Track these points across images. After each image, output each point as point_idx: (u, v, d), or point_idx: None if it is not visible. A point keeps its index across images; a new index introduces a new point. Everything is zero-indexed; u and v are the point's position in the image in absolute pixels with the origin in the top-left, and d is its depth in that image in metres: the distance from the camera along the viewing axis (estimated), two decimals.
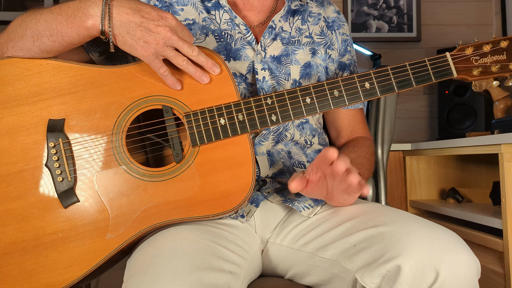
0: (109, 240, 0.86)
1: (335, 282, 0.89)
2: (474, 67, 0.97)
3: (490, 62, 0.97)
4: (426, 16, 2.65)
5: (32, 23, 0.89)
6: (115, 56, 1.02)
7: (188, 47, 0.87)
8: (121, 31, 0.85)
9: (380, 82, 0.94)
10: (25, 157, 0.88)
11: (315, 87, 0.94)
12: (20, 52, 0.91)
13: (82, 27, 0.87)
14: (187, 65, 0.88)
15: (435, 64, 0.96)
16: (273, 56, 1.06)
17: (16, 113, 0.89)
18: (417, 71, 0.95)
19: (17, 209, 0.87)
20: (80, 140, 0.90)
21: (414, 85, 0.95)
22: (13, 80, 0.90)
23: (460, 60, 0.97)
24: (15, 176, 0.87)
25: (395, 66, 0.95)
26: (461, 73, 0.97)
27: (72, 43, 0.90)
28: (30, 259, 0.86)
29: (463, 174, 2.27)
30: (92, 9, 0.86)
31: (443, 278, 0.75)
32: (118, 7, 0.86)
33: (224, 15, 1.05)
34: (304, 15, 1.13)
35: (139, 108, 0.91)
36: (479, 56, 0.97)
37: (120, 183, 0.88)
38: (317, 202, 1.00)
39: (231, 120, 0.91)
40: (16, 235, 0.86)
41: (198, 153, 0.90)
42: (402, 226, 0.82)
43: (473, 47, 0.97)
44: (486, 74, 0.97)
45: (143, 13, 0.86)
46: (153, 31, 0.84)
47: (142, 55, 0.86)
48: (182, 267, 0.75)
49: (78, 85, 0.91)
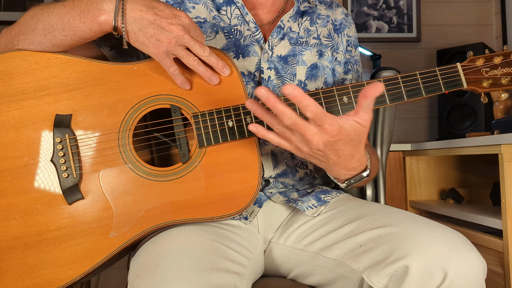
0: (113, 238, 0.86)
1: (340, 282, 0.89)
2: (484, 79, 0.97)
3: (500, 74, 0.97)
4: (426, 17, 2.65)
5: (44, 16, 0.89)
6: (125, 51, 1.02)
7: (199, 47, 0.86)
8: (134, 27, 0.85)
9: (390, 91, 0.94)
10: (30, 151, 0.88)
11: (324, 92, 0.93)
12: (31, 45, 0.90)
13: (95, 22, 0.86)
14: (197, 65, 0.88)
15: (445, 74, 0.95)
16: (280, 55, 1.05)
17: (23, 107, 0.89)
18: (427, 81, 0.95)
19: (21, 204, 0.86)
20: (86, 136, 0.89)
21: (423, 94, 0.95)
22: (21, 73, 0.90)
23: (471, 71, 0.96)
24: (20, 170, 0.87)
25: (405, 75, 0.95)
26: (471, 84, 0.96)
27: (84, 38, 0.89)
28: (32, 254, 0.85)
29: (463, 174, 2.27)
30: (105, 5, 0.85)
31: (451, 279, 0.75)
32: (131, 4, 0.85)
33: (235, 11, 1.05)
34: (313, 16, 1.13)
35: (147, 107, 0.90)
36: (489, 68, 0.97)
37: (125, 181, 0.88)
38: (321, 202, 1.00)
39: (239, 123, 0.90)
40: (19, 229, 0.86)
41: (205, 155, 0.90)
42: (409, 227, 0.82)
43: (484, 58, 0.97)
44: (496, 86, 0.97)
45: (157, 10, 0.85)
46: (165, 29, 0.84)
47: (153, 53, 0.86)
48: (190, 268, 0.75)
49: (87, 81, 0.90)
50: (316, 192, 1.04)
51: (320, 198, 1.01)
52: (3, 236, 0.85)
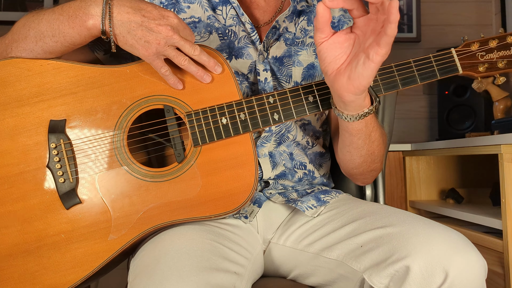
0: (112, 241, 0.86)
1: (340, 283, 0.88)
2: (480, 63, 0.95)
3: (496, 58, 0.95)
4: (426, 17, 2.64)
5: (34, 23, 0.89)
6: (120, 54, 1.01)
7: (189, 46, 0.86)
8: (122, 30, 0.85)
9: (384, 79, 0.93)
10: (26, 158, 0.88)
11: (317, 85, 0.93)
12: (24, 53, 0.90)
13: (83, 27, 0.86)
14: (188, 64, 0.87)
15: (440, 61, 0.94)
16: (276, 57, 1.04)
17: (17, 114, 0.89)
18: (422, 68, 0.93)
19: (19, 211, 0.86)
20: (81, 141, 0.89)
21: (418, 82, 0.93)
22: (14, 81, 0.90)
23: (466, 56, 0.95)
24: (17, 177, 0.87)
25: (399, 63, 0.94)
26: (467, 69, 0.95)
27: (74, 43, 0.89)
28: (33, 260, 0.85)
29: (463, 174, 2.27)
30: (92, 9, 0.85)
31: (452, 279, 0.74)
32: (118, 6, 0.85)
33: (231, 11, 1.04)
34: (311, 16, 1.11)
35: (140, 108, 0.90)
36: (485, 52, 0.95)
37: (122, 184, 0.88)
38: (320, 202, 1.00)
39: (233, 120, 0.90)
40: (18, 236, 0.86)
41: (200, 153, 0.89)
42: (410, 227, 0.82)
43: (479, 42, 0.96)
44: (493, 70, 0.96)
45: (144, 12, 0.85)
46: (154, 31, 0.83)
47: (143, 55, 0.85)
48: (190, 268, 0.74)
49: (79, 85, 0.90)
50: (315, 193, 1.03)
51: (320, 198, 1.01)
52: (3, 244, 0.86)
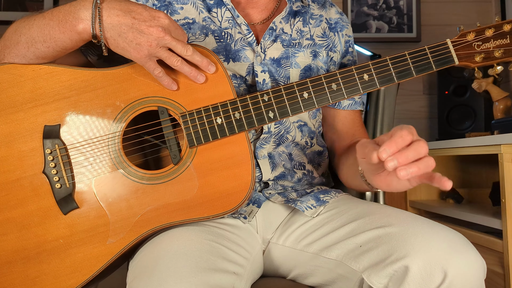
0: (110, 245, 0.86)
1: (339, 283, 0.88)
2: (476, 53, 0.94)
3: (493, 47, 0.94)
4: (426, 17, 2.62)
5: (25, 29, 0.88)
6: (113, 57, 1.00)
7: (182, 47, 0.85)
8: (113, 34, 0.84)
9: (379, 73, 0.92)
10: (22, 164, 0.88)
11: (312, 81, 0.92)
12: (16, 59, 0.90)
13: (74, 31, 0.85)
14: (181, 65, 0.86)
15: (435, 52, 0.93)
16: (273, 58, 1.03)
17: (11, 121, 0.89)
18: (417, 60, 0.92)
19: (17, 218, 0.87)
20: (76, 145, 0.89)
21: (414, 74, 0.92)
22: (7, 87, 0.90)
23: (462, 47, 0.94)
24: (14, 184, 0.87)
25: (394, 56, 0.92)
26: (463, 60, 0.94)
27: (66, 48, 0.88)
28: (32, 266, 0.86)
29: (463, 174, 2.26)
30: (82, 13, 0.84)
31: (451, 279, 0.74)
32: (108, 10, 0.84)
33: (226, 13, 1.02)
34: (306, 17, 1.10)
35: (134, 111, 0.90)
36: (481, 42, 0.94)
37: (118, 187, 0.87)
38: (320, 202, 0.99)
39: (227, 119, 0.89)
40: (17, 243, 0.86)
41: (196, 154, 0.89)
42: (409, 227, 0.81)
43: (475, 32, 0.94)
44: (489, 59, 0.94)
45: (134, 14, 0.84)
46: (145, 33, 0.82)
47: (135, 57, 0.85)
48: (188, 269, 0.74)
49: (72, 89, 0.90)
50: (315, 192, 1.02)
51: (319, 198, 1.00)
52: (3, 251, 0.86)
